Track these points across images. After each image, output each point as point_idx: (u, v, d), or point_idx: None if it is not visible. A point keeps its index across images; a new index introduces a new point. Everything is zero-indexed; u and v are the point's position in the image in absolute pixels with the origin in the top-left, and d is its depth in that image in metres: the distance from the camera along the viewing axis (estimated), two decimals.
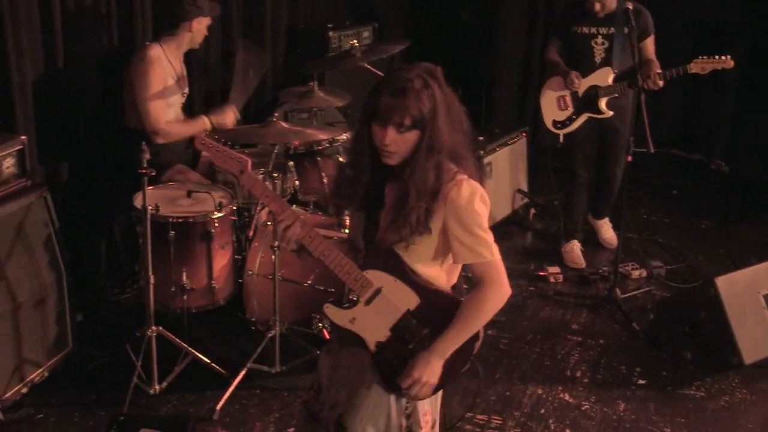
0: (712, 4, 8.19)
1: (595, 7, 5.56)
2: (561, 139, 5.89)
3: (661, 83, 5.52)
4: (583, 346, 5.09)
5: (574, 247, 6.17)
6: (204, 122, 5.06)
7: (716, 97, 8.31)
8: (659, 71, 5.53)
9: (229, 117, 5.18)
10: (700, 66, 5.52)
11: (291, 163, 4.96)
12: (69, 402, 4.27)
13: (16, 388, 4.14)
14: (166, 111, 4.95)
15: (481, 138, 6.28)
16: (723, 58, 5.50)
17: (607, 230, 6.34)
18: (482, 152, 6.22)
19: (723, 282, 4.77)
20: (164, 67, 4.88)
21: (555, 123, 5.88)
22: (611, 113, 5.77)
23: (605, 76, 5.74)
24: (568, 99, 5.82)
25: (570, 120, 5.85)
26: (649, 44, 5.79)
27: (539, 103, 5.95)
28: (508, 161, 6.65)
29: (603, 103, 5.75)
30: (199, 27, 4.97)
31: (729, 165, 7.72)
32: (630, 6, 5.44)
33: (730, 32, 7.49)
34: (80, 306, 4.74)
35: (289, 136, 4.56)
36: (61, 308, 4.39)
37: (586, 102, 5.78)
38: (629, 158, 5.40)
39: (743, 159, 7.77)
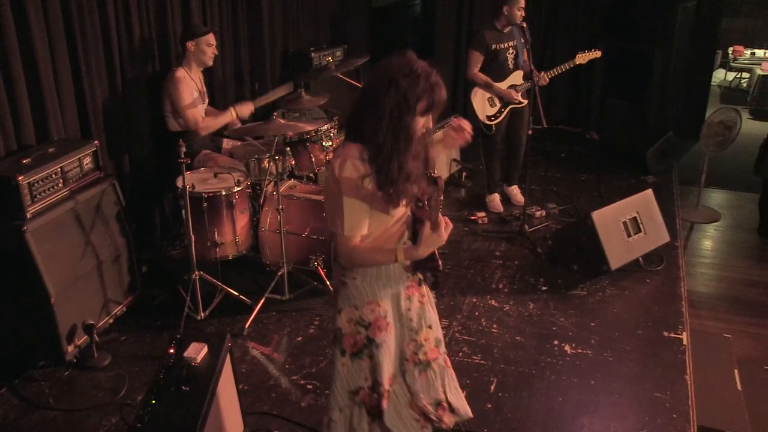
0: (583, 18, 8.19)
1: (517, 19, 5.48)
2: (493, 128, 5.80)
3: (548, 80, 5.57)
4: (503, 266, 5.13)
5: (495, 198, 6.18)
6: (231, 113, 5.00)
7: (589, 87, 8.33)
8: (546, 73, 5.59)
9: (248, 108, 5.13)
10: (581, 57, 5.62)
11: (288, 148, 4.92)
12: (142, 327, 4.28)
13: (105, 320, 4.17)
14: (201, 113, 4.89)
15: None
16: (594, 51, 5.64)
17: (516, 194, 6.24)
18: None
19: (597, 215, 4.83)
20: (189, 83, 4.81)
21: (488, 117, 5.76)
22: (526, 101, 5.76)
23: (518, 77, 5.74)
24: (497, 99, 5.74)
25: (500, 113, 5.77)
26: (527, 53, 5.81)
27: (471, 103, 5.79)
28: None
29: (520, 96, 5.74)
30: (196, 47, 4.78)
31: (599, 135, 7.81)
32: (524, 24, 5.43)
33: (594, 38, 7.45)
34: (144, 260, 4.73)
35: (285, 128, 4.51)
36: (131, 263, 4.38)
37: (509, 96, 5.73)
38: (530, 132, 5.45)
39: (608, 130, 7.79)
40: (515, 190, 6.25)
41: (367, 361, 2.56)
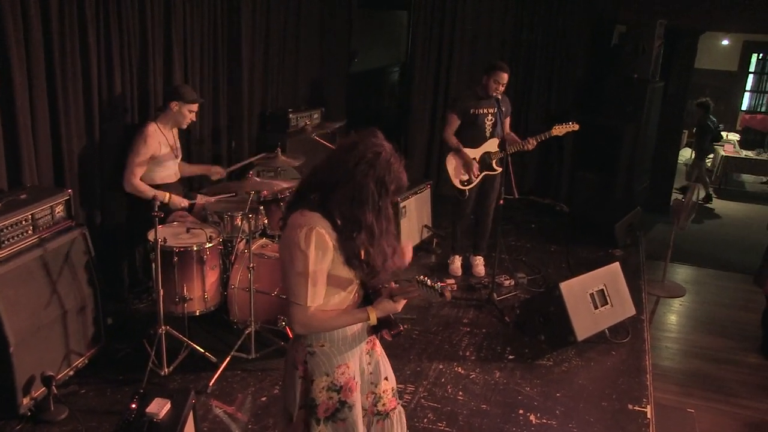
0: (556, 94, 8.44)
1: (491, 91, 5.56)
2: (467, 193, 5.81)
3: (535, 144, 5.64)
4: (471, 334, 5.13)
5: (456, 261, 6.21)
6: (165, 195, 4.82)
7: (560, 159, 8.52)
8: (532, 137, 5.65)
9: (182, 202, 4.93)
10: (558, 129, 5.66)
11: (261, 207, 4.95)
12: (103, 381, 4.19)
13: (65, 371, 4.08)
14: (140, 172, 4.75)
15: None
16: (572, 123, 5.68)
17: (478, 265, 6.20)
18: (399, 199, 6.23)
19: (564, 286, 4.88)
20: (157, 138, 4.77)
21: (462, 182, 5.77)
22: (500, 169, 5.78)
23: (493, 145, 5.77)
24: (473, 165, 5.73)
25: (474, 178, 5.79)
26: (509, 121, 5.94)
27: (446, 168, 5.81)
28: (418, 205, 6.67)
29: (494, 163, 5.78)
30: (178, 109, 4.79)
31: (569, 207, 7.93)
32: (500, 96, 5.56)
33: (566, 114, 7.65)
34: (110, 312, 4.66)
35: (260, 187, 4.55)
36: (96, 314, 4.32)
37: (483, 164, 5.78)
38: (501, 202, 5.48)
39: (578, 203, 7.91)
40: (478, 261, 6.23)
41: (341, 424, 2.55)
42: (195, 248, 4.37)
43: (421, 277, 2.35)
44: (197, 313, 4.48)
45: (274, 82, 6.97)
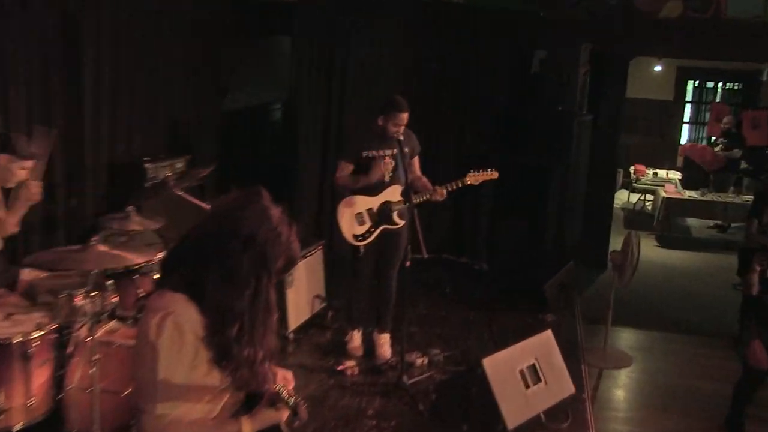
0: (471, 133, 8.59)
1: (390, 134, 5.58)
2: (362, 250, 5.79)
3: (445, 194, 5.68)
4: (378, 428, 5.02)
5: (355, 337, 6.13)
6: None
7: (476, 208, 8.64)
8: (441, 186, 5.68)
9: None
10: (473, 178, 5.76)
11: (109, 282, 4.72)
12: None
13: None
14: None
15: None
16: (491, 171, 5.79)
17: (383, 345, 6.07)
18: None
19: (488, 362, 4.86)
20: None
21: (356, 236, 5.75)
22: (403, 222, 5.78)
23: (395, 193, 5.78)
24: (366, 215, 5.76)
25: (369, 233, 5.76)
26: (417, 162, 5.97)
27: (338, 220, 5.78)
28: (307, 271, 6.57)
29: (395, 215, 5.78)
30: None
31: (489, 265, 8.02)
32: (401, 137, 5.56)
33: (483, 156, 7.79)
34: None
35: (107, 261, 4.33)
36: None
37: (381, 216, 5.77)
38: (408, 263, 5.45)
39: (500, 260, 8.06)
40: (383, 340, 6.10)
41: None
42: (17, 340, 4.09)
43: (279, 387, 2.38)
44: (14, 429, 4.15)
45: (124, 126, 6.78)
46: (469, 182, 5.77)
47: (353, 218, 5.76)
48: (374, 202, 5.76)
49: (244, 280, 2.27)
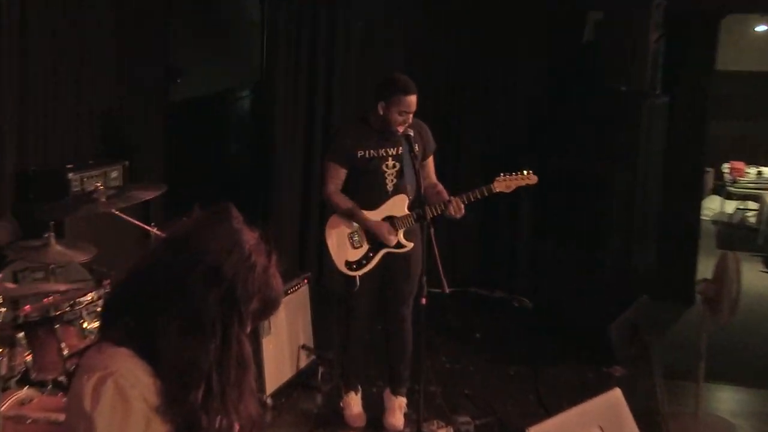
0: (498, 127, 8.65)
1: (393, 125, 5.58)
2: (358, 282, 5.76)
3: (463, 208, 5.62)
4: None
5: (353, 402, 6.12)
6: None
7: (513, 227, 8.68)
8: (458, 197, 5.63)
9: None
10: (503, 183, 5.70)
11: (21, 334, 4.76)
12: None
13: None
14: None
15: None
16: (526, 173, 5.72)
17: (394, 412, 6.09)
18: None
19: None
20: None
21: (349, 264, 5.75)
22: (411, 245, 5.78)
23: (401, 205, 5.78)
24: (362, 234, 5.75)
25: (367, 258, 5.76)
26: (431, 163, 5.98)
27: (326, 243, 5.80)
28: (290, 313, 6.57)
29: (402, 234, 5.76)
30: None
31: (532, 300, 7.99)
32: (410, 132, 5.56)
33: (515, 157, 7.79)
34: None
35: (16, 302, 4.39)
36: None
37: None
38: (424, 300, 5.41)
39: (546, 294, 8.06)
40: (396, 405, 6.12)
41: None
42: None
43: None
44: None
45: (40, 124, 6.83)
46: (497, 190, 5.72)
47: (345, 240, 5.77)
48: (373, 217, 5.76)
49: (209, 328, 2.25)
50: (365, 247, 5.78)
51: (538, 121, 8.50)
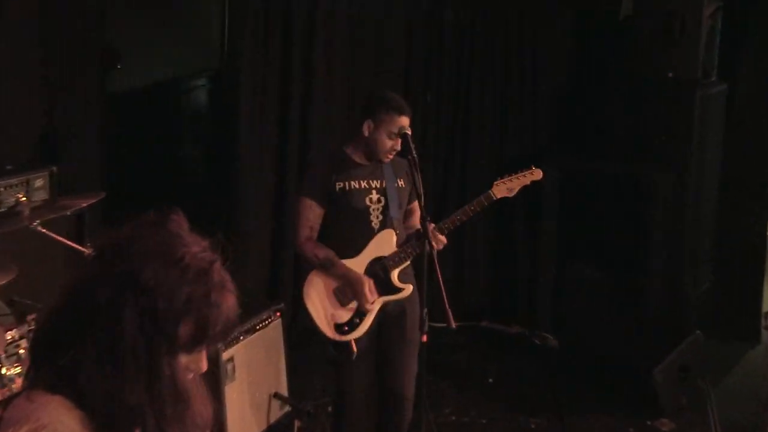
0: (514, 123, 8.73)
1: (383, 154, 5.68)
2: (354, 348, 5.74)
3: (443, 238, 5.67)
4: None
5: None
6: None
7: (532, 248, 8.71)
8: (445, 221, 5.72)
9: None
10: (505, 188, 5.80)
11: None
12: None
13: None
14: None
15: None
16: (529, 171, 5.84)
17: None
18: (221, 345, 6.11)
19: None
20: None
21: (339, 328, 5.76)
22: (409, 288, 5.83)
23: (388, 241, 5.85)
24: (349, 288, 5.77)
25: (360, 316, 5.77)
26: (417, 208, 5.91)
27: (304, 304, 5.80)
28: (258, 354, 6.60)
29: (396, 275, 5.80)
30: None
31: (557, 336, 8.00)
32: (409, 131, 5.61)
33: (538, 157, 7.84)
34: None
35: None
36: None
37: (374, 282, 5.78)
38: (424, 338, 5.46)
39: (573, 326, 8.13)
40: None
41: None
42: None
43: None
44: None
45: None
46: (498, 196, 5.81)
47: (330, 299, 5.81)
48: (358, 264, 5.81)
49: (128, 355, 2.24)
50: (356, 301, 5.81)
51: (562, 117, 8.54)
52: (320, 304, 5.79)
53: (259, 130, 8.66)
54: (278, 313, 6.90)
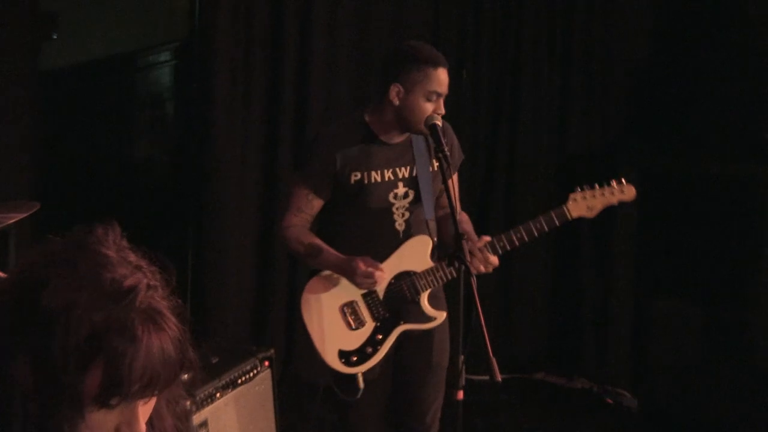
0: (582, 117, 8.66)
1: (418, 123, 5.51)
2: (361, 383, 5.67)
3: (495, 260, 5.56)
4: None
5: None
6: None
7: (601, 279, 8.71)
8: (487, 239, 5.60)
9: None
10: (584, 205, 5.69)
11: None
12: None
13: None
14: None
15: (185, 376, 6.14)
16: (619, 184, 5.72)
17: None
18: (191, 402, 6.09)
19: None
20: None
21: (345, 356, 5.71)
22: (443, 315, 5.78)
23: (421, 252, 5.77)
24: (362, 307, 5.72)
25: (374, 345, 5.73)
26: (456, 183, 5.82)
27: (305, 324, 5.76)
28: (241, 416, 6.61)
29: (426, 299, 5.74)
30: None
31: (636, 394, 7.99)
32: (439, 121, 5.46)
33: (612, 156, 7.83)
34: None
35: None
36: None
37: (396, 304, 5.73)
38: (460, 395, 5.42)
39: (658, 381, 8.07)
40: None
41: None
42: None
43: None
44: None
45: None
46: (575, 215, 5.73)
47: (336, 315, 5.76)
48: (385, 273, 5.72)
49: (16, 410, 2.19)
50: (369, 324, 5.75)
51: (640, 104, 8.50)
52: (323, 325, 5.76)
53: (240, 117, 8.71)
54: (266, 362, 6.85)
